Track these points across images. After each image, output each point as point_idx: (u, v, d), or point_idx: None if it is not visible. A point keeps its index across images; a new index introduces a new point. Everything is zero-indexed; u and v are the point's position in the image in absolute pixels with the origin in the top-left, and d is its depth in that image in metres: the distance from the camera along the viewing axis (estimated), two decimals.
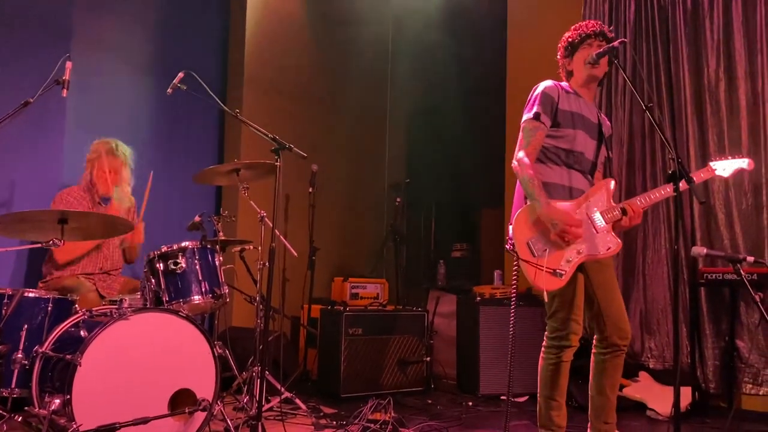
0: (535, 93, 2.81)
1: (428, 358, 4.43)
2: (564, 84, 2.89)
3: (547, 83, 2.83)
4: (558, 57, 2.96)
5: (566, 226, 2.59)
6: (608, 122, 3.03)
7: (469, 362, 4.41)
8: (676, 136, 4.27)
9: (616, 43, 2.73)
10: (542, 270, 2.58)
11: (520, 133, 2.79)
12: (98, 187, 3.84)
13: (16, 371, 2.69)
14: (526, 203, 2.71)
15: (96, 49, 4.43)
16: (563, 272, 2.61)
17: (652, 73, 4.41)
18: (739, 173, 2.88)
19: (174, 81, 3.22)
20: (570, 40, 2.89)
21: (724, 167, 2.87)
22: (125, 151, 3.94)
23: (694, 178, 2.75)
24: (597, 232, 2.71)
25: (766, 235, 3.92)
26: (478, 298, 4.46)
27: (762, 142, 3.98)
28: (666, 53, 4.38)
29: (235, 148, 5.09)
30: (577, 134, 2.79)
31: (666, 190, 2.72)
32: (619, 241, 2.75)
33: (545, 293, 2.58)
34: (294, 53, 5.67)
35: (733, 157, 2.89)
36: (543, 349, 2.79)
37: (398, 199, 5.46)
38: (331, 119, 5.94)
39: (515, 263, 2.67)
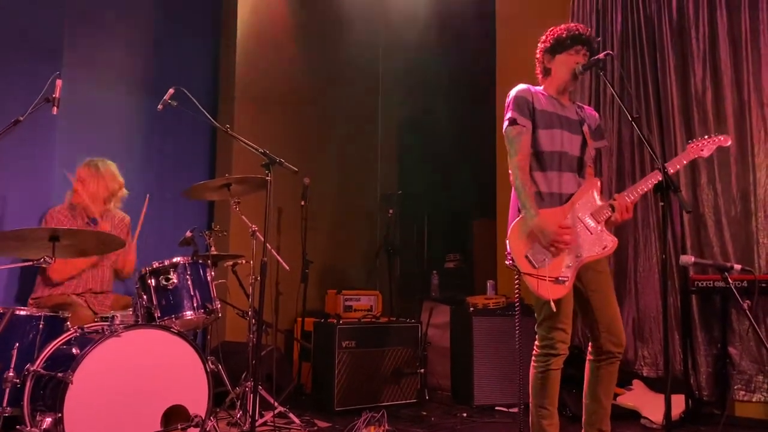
0: (508, 99, 2.83)
1: (422, 370, 4.42)
2: (537, 88, 2.90)
3: (520, 87, 2.84)
4: (538, 49, 2.93)
5: (555, 235, 2.61)
6: (593, 112, 3.01)
7: (464, 373, 4.40)
8: (665, 145, 4.31)
9: (601, 56, 2.75)
10: (545, 280, 2.60)
11: (506, 144, 2.81)
12: (86, 211, 3.85)
13: (7, 390, 2.68)
14: (519, 214, 2.72)
15: (86, 66, 4.43)
16: (566, 278, 2.64)
17: (640, 82, 4.45)
18: (728, 183, 2.91)
19: (164, 97, 3.24)
20: (561, 36, 2.84)
21: (702, 148, 2.88)
22: (108, 167, 3.94)
23: (677, 165, 2.81)
24: (591, 233, 2.74)
25: (755, 241, 3.95)
26: (472, 309, 4.46)
27: (749, 149, 4.02)
28: (653, 63, 4.42)
29: (227, 163, 5.09)
30: (557, 133, 2.80)
31: (651, 181, 2.72)
32: (614, 238, 2.77)
33: (552, 302, 2.59)
34: (285, 67, 5.69)
35: (710, 138, 2.90)
36: (533, 357, 2.80)
37: (390, 211, 5.47)
38: (322, 132, 5.96)
39: (516, 278, 2.68)
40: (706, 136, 2.92)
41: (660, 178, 2.40)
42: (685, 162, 2.88)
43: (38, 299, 3.72)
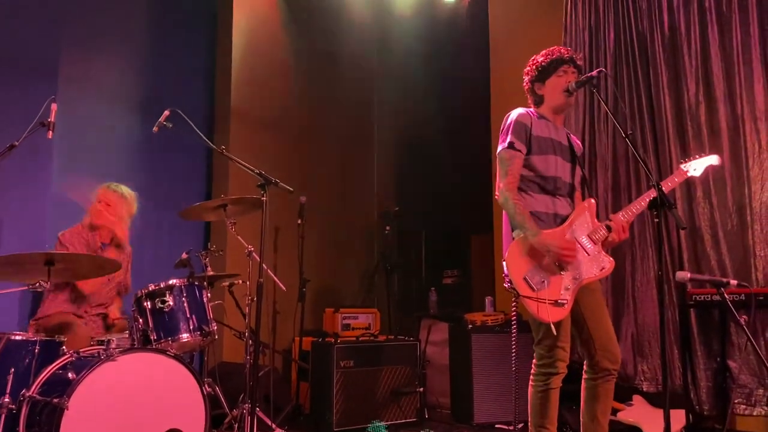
0: (508, 122, 2.85)
1: (421, 389, 4.39)
2: (532, 110, 2.92)
3: (519, 111, 2.87)
4: (525, 80, 2.97)
5: (561, 249, 2.61)
6: (578, 142, 3.06)
7: (463, 391, 4.37)
8: (659, 160, 4.32)
9: (594, 73, 2.77)
10: (545, 303, 2.59)
11: (498, 165, 2.82)
12: (91, 219, 3.83)
13: (3, 416, 2.66)
14: (513, 236, 2.72)
15: (82, 89, 4.44)
16: (565, 301, 2.63)
17: (633, 98, 4.47)
18: (723, 196, 2.91)
19: (160, 119, 3.26)
20: (543, 64, 2.89)
21: (695, 167, 2.91)
22: (130, 191, 3.95)
23: (669, 184, 2.85)
24: (588, 255, 2.74)
25: (752, 254, 3.95)
26: (470, 326, 4.45)
27: (743, 162, 4.02)
28: (646, 78, 4.44)
29: (223, 183, 5.09)
30: (551, 159, 2.82)
31: (646, 200, 2.74)
32: (612, 259, 2.78)
33: (552, 325, 2.59)
34: (280, 86, 5.72)
35: (701, 156, 2.94)
36: (531, 376, 2.78)
37: (388, 228, 5.47)
38: (318, 150, 5.97)
39: (514, 300, 2.68)
40: (696, 156, 2.95)
41: (654, 196, 2.41)
42: (677, 181, 2.93)
43: (39, 320, 3.69)
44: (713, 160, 2.93)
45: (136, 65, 4.89)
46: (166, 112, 3.27)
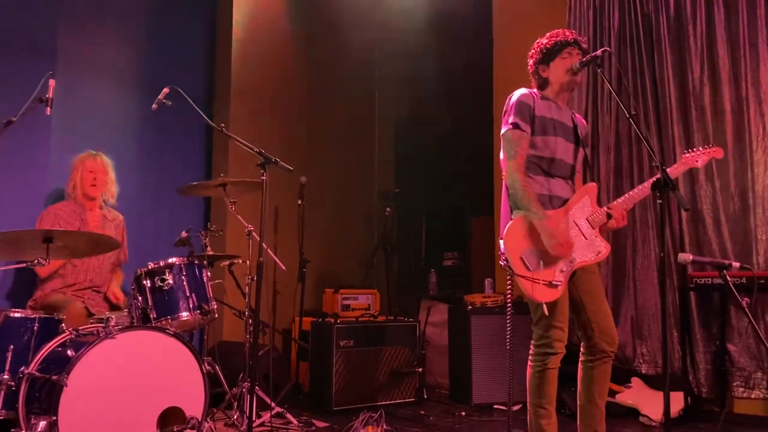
0: (510, 102, 2.82)
1: (420, 369, 4.41)
2: (536, 91, 2.89)
3: (522, 91, 2.83)
4: (530, 63, 2.94)
5: (558, 245, 2.60)
6: (583, 121, 3.02)
7: (462, 372, 4.39)
8: (662, 141, 4.29)
9: (599, 52, 2.74)
10: (539, 283, 2.60)
11: (503, 145, 2.79)
12: (85, 190, 3.83)
13: (2, 393, 2.66)
14: (511, 216, 2.71)
15: (81, 66, 4.40)
16: (559, 283, 2.63)
17: (637, 79, 4.43)
18: (726, 179, 2.89)
19: (159, 96, 3.22)
20: (547, 47, 2.86)
21: (696, 158, 2.90)
22: (105, 159, 3.94)
23: (672, 174, 2.81)
24: (586, 238, 2.73)
25: (754, 237, 3.94)
26: (470, 307, 4.45)
27: (747, 145, 4.00)
28: (650, 60, 4.40)
29: (223, 162, 5.07)
30: (555, 141, 2.79)
31: (646, 187, 2.73)
32: (608, 244, 2.78)
33: (544, 305, 2.59)
34: (281, 65, 5.67)
35: (704, 148, 2.92)
36: (530, 357, 2.78)
37: (388, 209, 5.45)
38: (319, 130, 5.94)
39: (509, 278, 2.67)
40: (700, 147, 2.93)
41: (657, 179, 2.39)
42: (680, 170, 2.90)
43: (36, 300, 3.69)
44: (717, 154, 2.91)
45: (135, 42, 4.83)
46: (166, 90, 3.23)
